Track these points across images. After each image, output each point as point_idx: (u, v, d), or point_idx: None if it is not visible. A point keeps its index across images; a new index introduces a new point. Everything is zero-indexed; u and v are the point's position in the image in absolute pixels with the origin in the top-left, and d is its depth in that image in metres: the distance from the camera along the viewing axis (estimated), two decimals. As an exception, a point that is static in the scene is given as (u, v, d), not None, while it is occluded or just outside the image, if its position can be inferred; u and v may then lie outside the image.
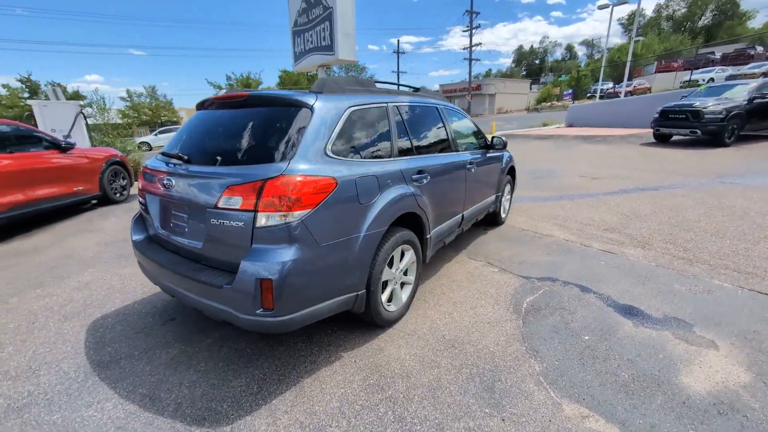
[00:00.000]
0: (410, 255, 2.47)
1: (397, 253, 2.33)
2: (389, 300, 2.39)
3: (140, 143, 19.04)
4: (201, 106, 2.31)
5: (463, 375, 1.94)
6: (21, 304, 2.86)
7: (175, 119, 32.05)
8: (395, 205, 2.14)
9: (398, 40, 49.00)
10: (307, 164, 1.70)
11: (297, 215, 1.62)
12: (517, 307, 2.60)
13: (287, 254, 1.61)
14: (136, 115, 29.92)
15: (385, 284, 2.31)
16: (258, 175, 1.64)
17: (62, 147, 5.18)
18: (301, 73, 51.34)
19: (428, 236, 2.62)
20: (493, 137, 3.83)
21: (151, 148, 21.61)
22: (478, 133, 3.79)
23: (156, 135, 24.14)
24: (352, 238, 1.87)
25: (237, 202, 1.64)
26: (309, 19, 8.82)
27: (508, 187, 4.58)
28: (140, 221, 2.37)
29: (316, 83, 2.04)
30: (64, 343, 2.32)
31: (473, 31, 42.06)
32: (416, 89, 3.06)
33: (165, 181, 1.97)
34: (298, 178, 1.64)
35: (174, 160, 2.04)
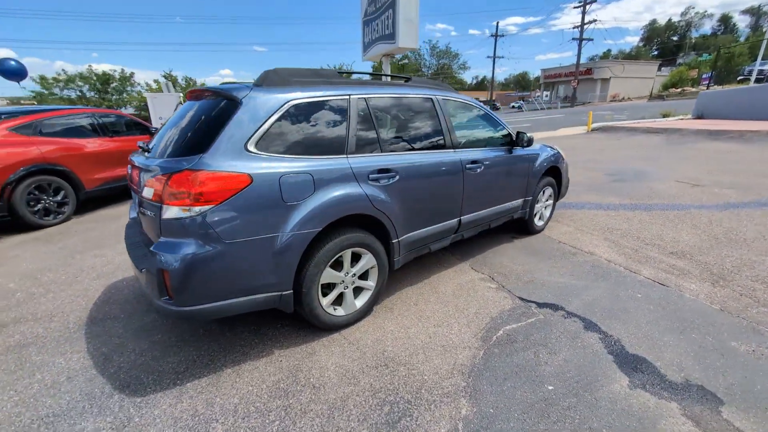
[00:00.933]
0: (367, 259, 2.29)
1: (347, 255, 2.19)
2: (338, 303, 2.28)
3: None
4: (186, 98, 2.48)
5: (375, 400, 1.74)
6: (80, 260, 3.55)
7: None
8: (336, 206, 2.00)
9: (497, 23, 45.73)
10: (218, 159, 1.69)
11: (198, 210, 1.63)
12: (488, 335, 2.23)
13: (186, 248, 1.64)
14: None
15: (330, 287, 2.21)
16: (167, 169, 1.69)
17: (152, 132, 6.21)
18: (395, 64, 51.89)
19: (395, 241, 2.40)
20: (518, 133, 3.28)
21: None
22: (498, 129, 3.30)
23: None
24: (272, 237, 1.81)
25: (150, 193, 1.73)
26: (376, 8, 8.78)
27: (548, 191, 3.92)
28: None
29: (259, 75, 2.00)
30: (84, 298, 2.81)
31: (588, 6, 36.73)
32: (407, 79, 2.78)
33: (132, 171, 2.19)
34: (202, 173, 1.64)
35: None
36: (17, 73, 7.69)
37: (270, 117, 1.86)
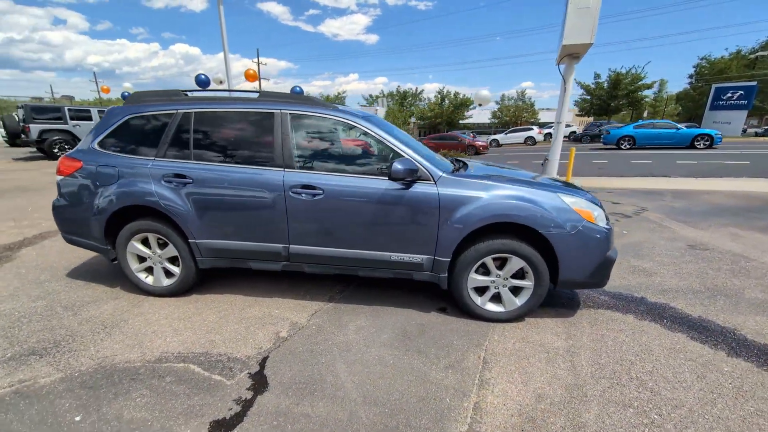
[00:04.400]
0: (169, 249, 2.70)
1: (152, 238, 2.71)
2: (151, 274, 2.84)
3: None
4: None
5: (46, 324, 2.28)
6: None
7: (533, 119, 34.46)
8: (125, 196, 2.57)
9: None
10: (78, 150, 2.73)
11: (60, 178, 2.75)
12: (163, 359, 2.11)
13: (56, 200, 2.81)
14: (500, 115, 35.30)
15: (141, 258, 2.81)
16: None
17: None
18: (734, 58, 35.66)
19: (191, 242, 2.62)
20: (393, 163, 2.30)
21: (499, 144, 26.10)
22: (383, 156, 2.51)
23: (505, 134, 27.53)
24: (89, 204, 2.66)
25: (69, 166, 3.01)
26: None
27: (513, 263, 2.42)
28: None
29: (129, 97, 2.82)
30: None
31: None
32: (258, 93, 2.67)
33: None
34: (67, 158, 2.73)
35: None
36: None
37: (112, 126, 2.71)
